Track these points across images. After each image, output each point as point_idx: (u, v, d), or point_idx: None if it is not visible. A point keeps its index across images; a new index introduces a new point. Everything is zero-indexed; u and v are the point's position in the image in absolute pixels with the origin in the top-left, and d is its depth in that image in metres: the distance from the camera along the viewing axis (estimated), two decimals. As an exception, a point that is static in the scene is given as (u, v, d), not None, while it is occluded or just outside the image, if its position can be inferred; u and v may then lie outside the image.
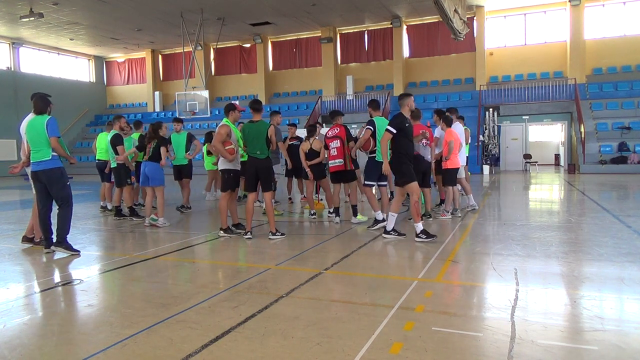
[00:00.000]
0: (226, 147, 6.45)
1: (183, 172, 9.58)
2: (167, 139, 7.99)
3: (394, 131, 6.01)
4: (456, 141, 7.85)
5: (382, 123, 6.99)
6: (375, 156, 7.05)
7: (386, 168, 6.16)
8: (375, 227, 7.00)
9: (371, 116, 7.22)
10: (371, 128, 6.99)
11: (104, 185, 9.66)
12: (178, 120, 10.00)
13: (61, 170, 5.65)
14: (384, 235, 6.33)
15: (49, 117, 5.58)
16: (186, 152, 9.66)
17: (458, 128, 8.23)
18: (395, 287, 4.14)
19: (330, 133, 7.69)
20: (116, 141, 8.38)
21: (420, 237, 5.98)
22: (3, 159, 25.24)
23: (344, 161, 7.50)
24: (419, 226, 6.01)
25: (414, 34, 26.42)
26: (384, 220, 6.91)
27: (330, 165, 7.68)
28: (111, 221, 8.44)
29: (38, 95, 5.70)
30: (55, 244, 5.64)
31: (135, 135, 9.07)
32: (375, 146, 7.00)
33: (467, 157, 10.72)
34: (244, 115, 6.86)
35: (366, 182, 7.23)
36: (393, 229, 6.28)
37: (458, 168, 8.07)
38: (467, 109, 22.37)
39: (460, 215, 8.12)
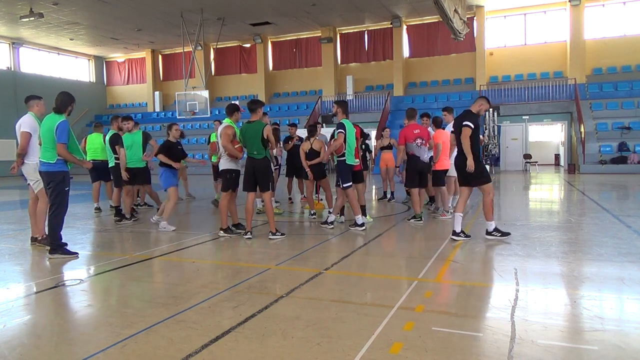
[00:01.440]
0: (235, 146, 6.53)
1: (138, 176, 8.19)
2: (165, 143, 7.62)
3: (473, 126, 5.81)
4: (445, 143, 7.79)
5: (350, 126, 6.95)
6: (345, 159, 6.95)
7: (471, 164, 5.79)
8: (354, 229, 6.92)
9: (336, 117, 7.05)
10: (343, 131, 6.83)
11: (96, 185, 9.62)
12: (127, 119, 8.56)
13: (63, 175, 5.56)
14: (452, 237, 6.02)
15: (62, 120, 5.46)
16: (143, 153, 8.40)
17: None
18: (395, 287, 4.15)
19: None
20: (115, 141, 8.38)
21: (494, 235, 5.99)
22: (3, 159, 25.25)
23: (360, 161, 7.43)
24: (492, 224, 6.01)
25: (414, 34, 26.41)
26: (363, 224, 6.90)
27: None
28: (111, 221, 8.43)
29: (62, 92, 5.64)
30: (50, 252, 5.57)
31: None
32: (345, 149, 6.91)
33: None
34: (244, 115, 6.88)
35: (344, 185, 7.00)
36: (462, 231, 6.05)
37: (447, 169, 7.97)
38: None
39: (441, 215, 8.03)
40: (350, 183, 7.00)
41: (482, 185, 5.95)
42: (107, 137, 8.63)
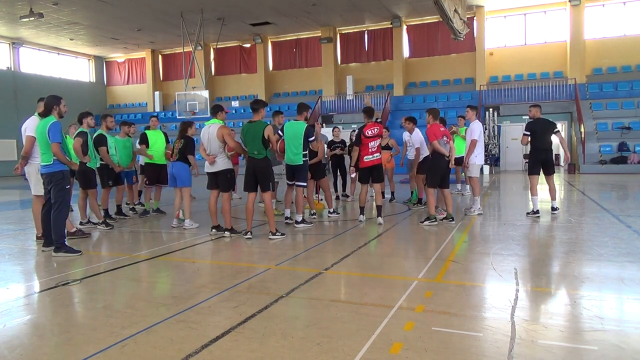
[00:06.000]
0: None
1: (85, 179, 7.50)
2: (192, 140, 7.76)
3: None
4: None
5: (290, 128, 7.04)
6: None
7: (568, 156, 9.06)
8: (299, 226, 7.22)
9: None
10: (280, 133, 7.08)
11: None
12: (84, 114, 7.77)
13: (63, 174, 5.70)
14: (532, 215, 7.81)
15: (53, 121, 5.59)
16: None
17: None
18: (395, 287, 4.14)
19: (369, 132, 7.32)
20: (99, 142, 8.00)
21: (555, 211, 7.99)
22: (3, 159, 25.25)
23: (380, 155, 7.49)
24: (555, 203, 8.16)
25: (414, 34, 26.41)
26: (304, 220, 7.32)
27: (367, 160, 7.33)
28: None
29: (48, 96, 5.79)
30: (55, 250, 5.64)
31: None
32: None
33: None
34: (246, 115, 6.90)
35: (298, 183, 7.29)
36: (538, 210, 7.91)
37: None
38: (467, 109, 22.38)
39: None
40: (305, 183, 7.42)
41: (554, 173, 8.17)
42: (93, 137, 8.27)
